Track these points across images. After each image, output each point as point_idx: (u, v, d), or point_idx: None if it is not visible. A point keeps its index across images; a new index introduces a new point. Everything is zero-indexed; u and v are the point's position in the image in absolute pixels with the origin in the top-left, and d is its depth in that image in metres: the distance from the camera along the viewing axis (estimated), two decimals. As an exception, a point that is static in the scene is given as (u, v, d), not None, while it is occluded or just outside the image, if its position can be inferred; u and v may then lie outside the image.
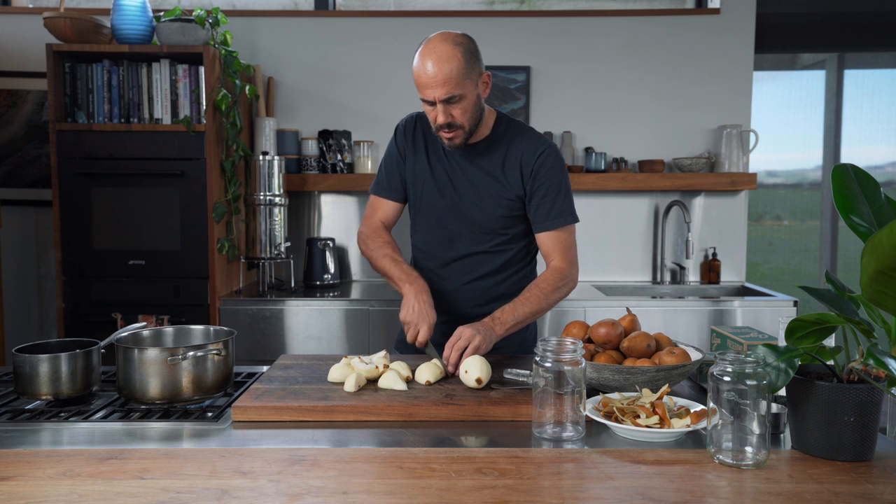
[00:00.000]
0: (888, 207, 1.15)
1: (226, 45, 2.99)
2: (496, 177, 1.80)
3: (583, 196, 3.36)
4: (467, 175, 1.81)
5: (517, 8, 3.48)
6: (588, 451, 1.20)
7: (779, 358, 1.14)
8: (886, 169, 3.65)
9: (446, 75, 1.62)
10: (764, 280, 3.63)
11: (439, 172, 1.84)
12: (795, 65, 3.70)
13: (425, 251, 1.91)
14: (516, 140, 1.81)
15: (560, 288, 1.77)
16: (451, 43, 1.64)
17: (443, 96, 1.64)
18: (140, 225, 2.83)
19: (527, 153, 1.79)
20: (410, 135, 1.88)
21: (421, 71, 1.64)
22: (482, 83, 1.72)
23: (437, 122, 1.69)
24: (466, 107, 1.68)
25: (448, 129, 1.70)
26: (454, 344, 1.57)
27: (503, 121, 1.84)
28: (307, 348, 2.83)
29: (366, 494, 1.02)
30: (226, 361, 1.45)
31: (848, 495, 1.02)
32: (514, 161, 1.79)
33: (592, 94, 3.36)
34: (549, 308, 1.75)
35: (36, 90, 3.28)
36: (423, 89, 1.65)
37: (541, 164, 1.78)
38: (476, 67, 1.68)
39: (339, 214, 3.39)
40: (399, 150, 1.89)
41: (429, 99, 1.66)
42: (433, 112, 1.69)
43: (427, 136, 1.87)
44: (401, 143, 1.89)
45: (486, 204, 1.80)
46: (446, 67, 1.61)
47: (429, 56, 1.63)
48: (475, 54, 1.68)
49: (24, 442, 1.26)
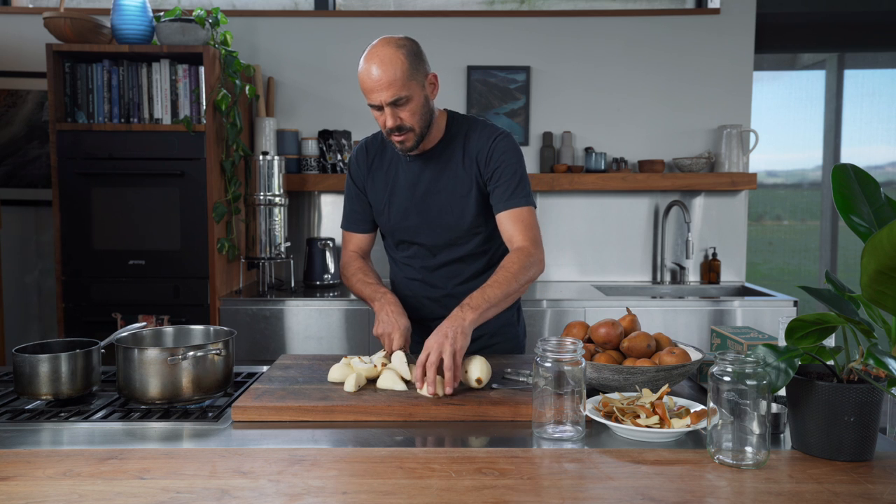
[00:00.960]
0: (888, 207, 1.15)
1: (226, 45, 2.99)
2: (459, 176, 1.79)
3: (583, 196, 3.37)
4: (430, 183, 1.80)
5: (517, 8, 3.48)
6: (588, 451, 1.20)
7: (779, 358, 1.14)
8: (886, 169, 3.66)
9: (390, 78, 1.61)
10: (764, 280, 3.63)
11: (401, 189, 1.82)
12: (795, 65, 3.70)
13: (408, 263, 1.90)
14: (471, 134, 1.79)
15: (528, 267, 1.67)
16: (393, 46, 1.64)
17: (389, 99, 1.63)
18: (140, 225, 2.83)
19: (482, 143, 1.78)
20: (364, 163, 1.88)
21: (365, 76, 1.64)
22: (429, 84, 1.71)
23: (386, 126, 1.68)
24: (414, 109, 1.67)
25: (398, 133, 1.69)
26: (424, 363, 1.46)
27: (455, 119, 1.83)
28: (307, 348, 2.83)
29: (366, 494, 1.02)
30: (226, 361, 1.45)
31: (848, 495, 1.02)
32: (472, 155, 1.78)
33: (592, 94, 3.36)
34: (520, 290, 1.67)
35: (36, 90, 3.28)
36: (370, 94, 1.65)
37: (493, 148, 1.77)
38: (421, 69, 1.67)
39: (338, 214, 3.37)
40: (356, 184, 1.90)
41: (375, 103, 1.66)
42: (382, 117, 1.68)
43: (382, 158, 1.86)
44: (356, 175, 1.89)
45: (456, 206, 1.79)
46: (390, 70, 1.61)
47: (372, 60, 1.63)
48: (419, 56, 1.68)
49: (24, 442, 1.26)
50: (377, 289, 1.79)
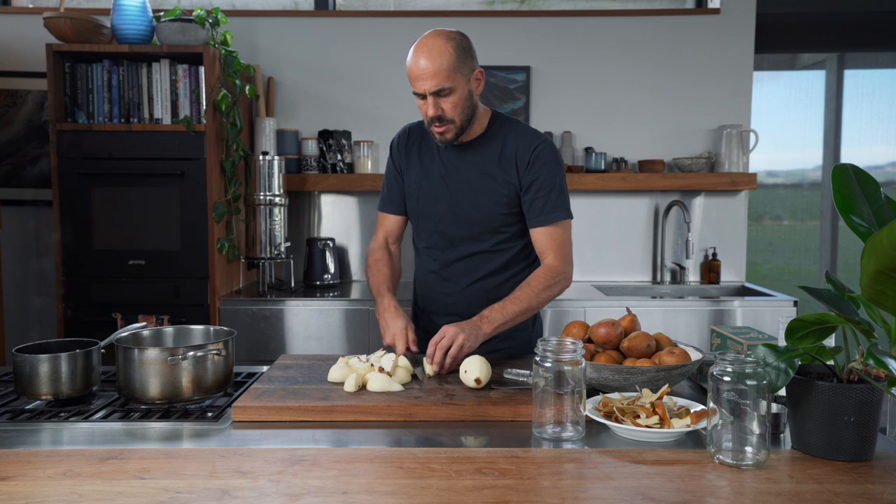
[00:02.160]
0: (888, 207, 1.15)
1: (226, 45, 2.99)
2: (492, 174, 1.80)
3: (583, 196, 3.37)
4: (462, 174, 1.82)
5: (517, 8, 3.48)
6: (588, 451, 1.20)
7: (779, 358, 1.14)
8: (886, 169, 3.65)
9: (436, 68, 1.64)
10: (764, 280, 3.63)
11: (434, 177, 1.85)
12: (795, 65, 3.70)
13: (427, 254, 1.92)
14: (511, 136, 1.81)
15: (552, 286, 1.76)
16: (443, 38, 1.66)
17: (432, 89, 1.66)
18: (140, 225, 2.83)
19: (521, 147, 1.79)
20: (404, 147, 1.92)
21: (413, 64, 1.67)
22: (475, 79, 1.73)
23: (427, 115, 1.71)
24: (457, 101, 1.69)
25: (439, 123, 1.71)
26: (437, 342, 1.58)
27: (498, 119, 1.85)
28: (307, 348, 2.83)
29: (366, 494, 1.02)
30: (226, 361, 1.45)
31: (848, 495, 1.02)
32: (510, 156, 1.80)
33: (592, 94, 3.36)
34: (539, 306, 1.76)
35: (36, 90, 3.28)
36: (414, 82, 1.68)
37: (536, 156, 1.78)
38: (468, 63, 1.69)
39: (339, 214, 3.39)
40: (395, 165, 1.94)
41: (419, 91, 1.68)
42: (424, 106, 1.71)
43: (421, 145, 1.89)
44: (395, 157, 1.94)
45: (483, 202, 1.81)
46: (437, 60, 1.64)
47: (420, 50, 1.66)
48: (468, 50, 1.70)
49: (24, 442, 1.26)
50: (379, 290, 1.85)
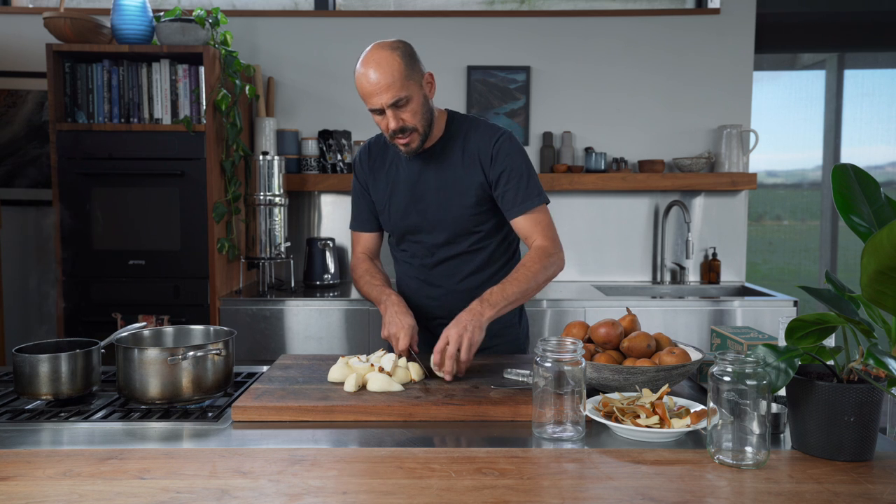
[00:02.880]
0: (888, 207, 1.15)
1: (226, 45, 2.99)
2: (457, 175, 1.80)
3: (583, 196, 3.37)
4: (429, 182, 1.81)
5: (517, 8, 3.48)
6: (588, 451, 1.20)
7: (779, 358, 1.14)
8: (886, 169, 3.65)
9: (389, 80, 1.63)
10: (764, 280, 3.63)
11: (401, 189, 1.84)
12: (795, 65, 3.70)
13: (408, 262, 1.93)
14: (471, 133, 1.80)
15: (547, 267, 1.73)
16: (387, 49, 1.65)
17: (389, 101, 1.64)
18: (140, 225, 2.83)
19: (482, 143, 1.78)
20: (367, 164, 1.91)
21: (364, 81, 1.65)
22: (426, 83, 1.72)
23: (389, 129, 1.69)
24: (415, 108, 1.68)
25: (402, 135, 1.70)
26: (442, 350, 1.54)
27: (454, 118, 1.84)
28: (307, 348, 2.83)
29: (366, 494, 1.02)
30: (226, 361, 1.45)
31: (848, 495, 1.02)
32: (472, 154, 1.79)
33: (592, 94, 3.36)
34: (538, 289, 1.72)
35: (36, 90, 3.28)
36: (369, 98, 1.66)
37: (497, 149, 1.77)
38: (417, 69, 1.69)
39: (339, 214, 3.39)
40: (360, 183, 1.93)
41: (377, 107, 1.66)
42: (384, 121, 1.69)
43: (384, 158, 1.88)
44: (360, 175, 1.93)
45: (454, 205, 1.80)
46: (388, 72, 1.63)
47: (368, 65, 1.65)
48: (413, 56, 1.69)
49: (24, 442, 1.26)
50: (383, 290, 1.81)
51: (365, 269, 1.91)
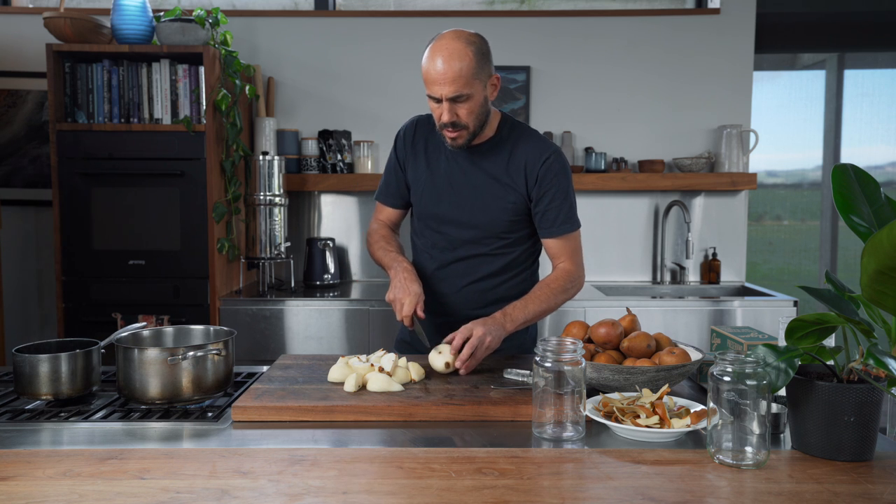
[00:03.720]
0: (888, 207, 1.15)
1: (226, 45, 2.99)
2: (500, 179, 1.77)
3: (583, 196, 3.36)
4: (469, 178, 1.79)
5: (517, 8, 3.48)
6: (588, 451, 1.20)
7: (779, 358, 1.14)
8: (886, 169, 3.65)
9: (456, 73, 1.59)
10: (764, 280, 3.63)
11: (440, 176, 1.82)
12: (795, 65, 3.70)
13: (426, 253, 1.89)
14: (521, 143, 1.78)
15: (568, 289, 1.78)
16: (463, 41, 1.61)
17: (450, 94, 1.61)
18: (140, 225, 2.83)
19: (532, 157, 1.76)
20: (410, 141, 1.87)
21: (430, 67, 1.61)
22: (491, 85, 1.69)
23: (441, 120, 1.67)
24: (473, 107, 1.66)
25: (452, 129, 1.68)
26: (465, 339, 1.56)
27: (507, 122, 1.82)
28: (307, 348, 2.83)
29: (366, 494, 1.02)
30: (226, 361, 1.45)
31: (848, 495, 1.02)
32: (519, 164, 1.77)
33: (592, 94, 3.36)
34: (556, 308, 1.77)
35: (36, 90, 3.28)
36: (431, 85, 1.63)
37: (547, 169, 1.75)
38: (486, 69, 1.66)
39: (339, 214, 3.39)
40: (398, 159, 1.89)
41: (436, 96, 1.64)
42: (438, 109, 1.66)
43: (428, 140, 1.85)
44: (400, 150, 1.88)
45: (489, 207, 1.78)
46: (456, 65, 1.59)
47: (440, 52, 1.60)
48: (487, 55, 1.66)
49: (24, 442, 1.26)
50: (395, 257, 1.79)
51: (382, 234, 1.89)
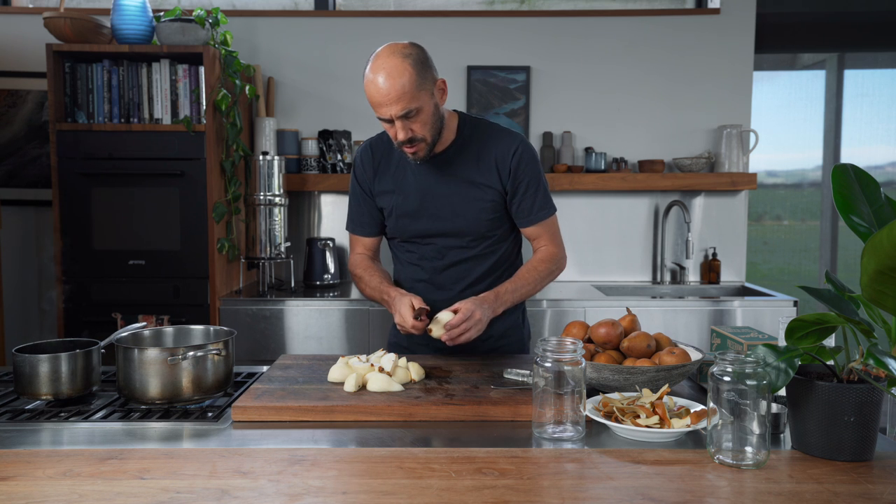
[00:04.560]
0: (888, 207, 1.15)
1: (226, 45, 2.99)
2: (474, 181, 1.76)
3: (583, 196, 3.37)
4: (441, 187, 1.77)
5: (517, 8, 3.48)
6: (588, 451, 1.20)
7: (779, 358, 1.14)
8: (886, 169, 3.65)
9: (399, 91, 1.56)
10: (764, 280, 3.63)
11: (411, 194, 1.79)
12: (795, 65, 3.70)
13: (415, 265, 1.87)
14: (486, 140, 1.77)
15: (553, 271, 1.83)
16: (399, 56, 1.58)
17: (399, 113, 1.59)
18: (140, 225, 2.83)
19: (501, 151, 1.75)
20: (370, 166, 1.83)
21: (373, 89, 1.58)
22: (437, 91, 1.67)
23: (397, 139, 1.65)
24: (425, 119, 1.63)
25: (410, 145, 1.66)
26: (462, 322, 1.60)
27: (467, 122, 1.80)
28: (307, 348, 2.83)
29: (366, 494, 1.02)
30: (226, 361, 1.45)
31: (848, 495, 1.02)
32: (489, 161, 1.75)
33: (592, 94, 3.36)
34: (542, 288, 1.83)
35: (36, 90, 3.28)
36: (378, 108, 1.60)
37: (518, 160, 1.75)
38: (429, 76, 1.63)
39: (339, 214, 3.39)
40: (361, 186, 1.86)
41: (385, 117, 1.61)
42: (392, 129, 1.64)
43: (389, 160, 1.82)
44: (362, 179, 1.85)
45: (469, 211, 1.77)
46: (398, 83, 1.56)
47: (378, 72, 1.57)
48: (426, 63, 1.63)
49: (24, 442, 1.26)
50: (382, 290, 1.79)
51: (364, 268, 1.87)
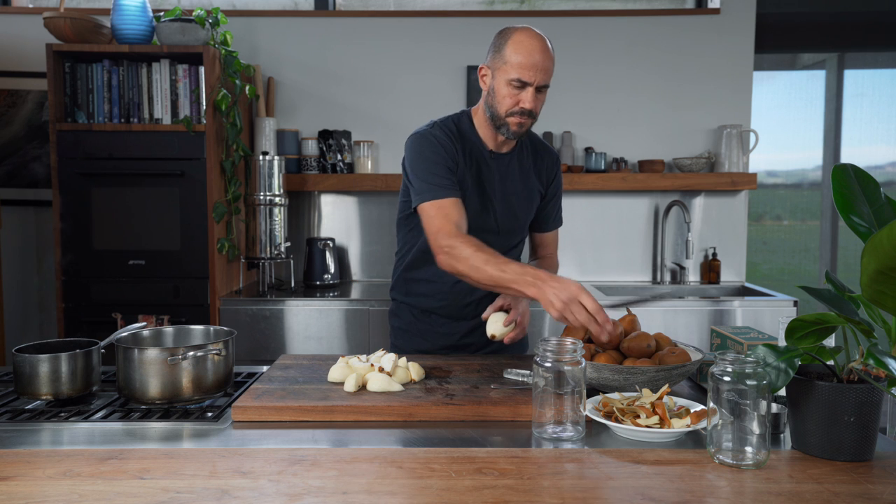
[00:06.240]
0: (888, 207, 1.15)
1: (226, 45, 2.99)
2: (528, 184, 1.86)
3: (583, 196, 3.36)
4: (510, 184, 1.84)
5: (517, 8, 3.48)
6: (588, 451, 1.20)
7: (779, 358, 1.14)
8: (886, 169, 3.65)
9: (550, 64, 1.69)
10: (764, 280, 3.63)
11: (482, 186, 1.81)
12: (795, 65, 3.70)
13: None
14: (537, 148, 1.92)
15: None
16: (546, 40, 1.70)
17: (542, 82, 1.68)
18: (140, 225, 2.83)
19: (548, 160, 1.91)
20: (450, 143, 1.76)
21: (529, 54, 1.65)
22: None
23: (521, 105, 1.69)
24: (543, 100, 1.74)
25: (528, 116, 1.73)
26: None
27: None
28: (307, 348, 2.83)
29: (366, 494, 1.02)
30: (226, 361, 1.45)
31: (848, 495, 1.02)
32: (541, 168, 1.90)
33: (592, 94, 3.36)
34: None
35: (36, 90, 3.28)
36: (528, 70, 1.65)
37: (556, 172, 1.93)
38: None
39: (339, 214, 3.39)
40: (448, 154, 1.74)
41: (529, 81, 1.67)
42: (517, 96, 1.68)
43: (463, 146, 1.79)
44: (448, 148, 1.75)
45: (521, 210, 1.86)
46: (550, 56, 1.69)
47: (537, 41, 1.67)
48: None
49: (24, 442, 1.26)
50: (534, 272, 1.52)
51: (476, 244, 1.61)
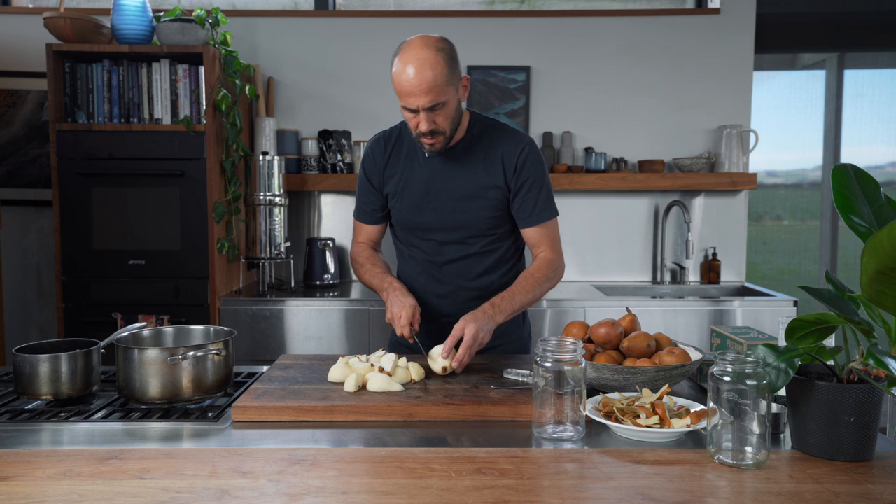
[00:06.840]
0: (888, 207, 1.15)
1: (226, 45, 2.99)
2: (478, 178, 1.79)
3: (583, 196, 3.36)
4: (448, 180, 1.79)
5: (517, 8, 3.48)
6: (588, 451, 1.20)
7: (779, 358, 1.14)
8: (886, 169, 3.65)
9: (430, 83, 1.58)
10: (764, 280, 3.63)
11: (417, 186, 1.81)
12: (795, 65, 3.70)
13: (416, 257, 1.90)
14: (495, 138, 1.80)
15: (551, 278, 1.82)
16: (433, 48, 1.60)
17: (427, 105, 1.61)
18: (140, 225, 2.83)
19: (508, 149, 1.78)
20: (381, 156, 1.85)
21: (403, 79, 1.60)
22: (462, 87, 1.70)
23: (419, 129, 1.67)
24: (448, 113, 1.66)
25: (431, 136, 1.68)
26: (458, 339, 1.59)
27: (478, 120, 1.83)
28: (307, 348, 2.83)
29: (366, 494, 1.02)
30: (226, 361, 1.45)
31: (848, 495, 1.02)
32: (496, 159, 1.78)
33: (592, 94, 3.36)
34: (541, 297, 1.81)
35: (36, 90, 3.28)
36: (406, 97, 1.62)
37: (524, 159, 1.78)
38: (457, 72, 1.66)
39: (339, 214, 3.39)
40: (369, 177, 1.88)
41: (412, 107, 1.63)
42: (415, 119, 1.66)
43: (400, 151, 1.84)
44: (369, 168, 1.87)
45: (472, 208, 1.79)
46: (430, 75, 1.58)
47: (411, 62, 1.58)
48: (455, 59, 1.66)
49: (24, 442, 1.26)
50: (384, 278, 1.82)
51: (366, 256, 1.92)
